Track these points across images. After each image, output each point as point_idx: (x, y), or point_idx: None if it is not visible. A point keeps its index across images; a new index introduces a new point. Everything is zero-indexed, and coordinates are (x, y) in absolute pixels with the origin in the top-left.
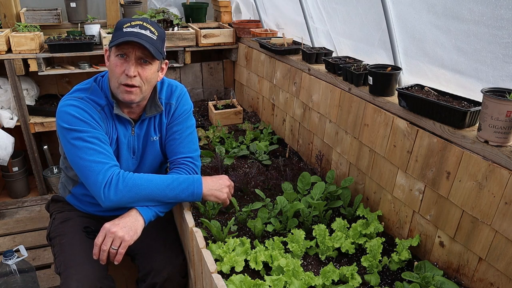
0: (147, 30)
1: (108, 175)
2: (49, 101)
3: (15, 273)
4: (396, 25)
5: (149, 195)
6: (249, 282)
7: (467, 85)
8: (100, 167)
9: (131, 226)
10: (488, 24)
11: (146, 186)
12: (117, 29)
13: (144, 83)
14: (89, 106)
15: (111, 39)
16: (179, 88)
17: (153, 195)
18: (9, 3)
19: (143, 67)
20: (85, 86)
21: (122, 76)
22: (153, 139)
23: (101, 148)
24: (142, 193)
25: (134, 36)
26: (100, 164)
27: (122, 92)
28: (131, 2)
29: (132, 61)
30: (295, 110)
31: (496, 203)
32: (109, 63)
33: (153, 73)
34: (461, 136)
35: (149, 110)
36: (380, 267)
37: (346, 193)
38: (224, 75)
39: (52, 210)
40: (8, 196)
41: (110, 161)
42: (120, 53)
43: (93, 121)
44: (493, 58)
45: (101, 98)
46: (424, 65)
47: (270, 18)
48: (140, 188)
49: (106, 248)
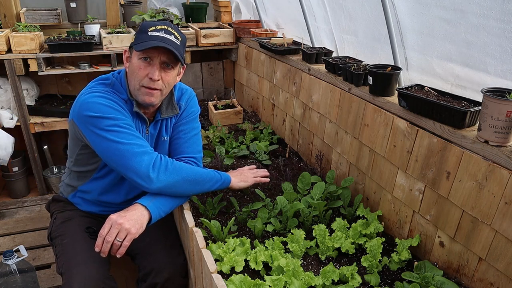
0: (172, 35)
1: (154, 156)
2: (49, 101)
3: (15, 273)
4: (403, 21)
5: (192, 179)
6: (249, 282)
7: (476, 79)
8: (144, 149)
9: (137, 219)
10: (497, 18)
11: (190, 170)
12: (141, 31)
13: (166, 87)
14: (116, 98)
15: (135, 41)
16: (189, 91)
17: (196, 179)
18: (9, 3)
19: (166, 71)
20: (106, 81)
21: (145, 79)
22: (164, 139)
23: (138, 134)
24: (188, 176)
25: (161, 41)
26: (142, 147)
27: (143, 94)
28: (131, 2)
29: (157, 65)
30: (295, 110)
31: (496, 203)
32: (131, 65)
33: (174, 77)
34: (461, 136)
35: (165, 111)
36: (380, 267)
37: (346, 193)
38: (224, 75)
39: (53, 210)
40: (8, 196)
41: (149, 146)
42: (144, 57)
43: (123, 111)
44: (502, 52)
45: (122, 93)
46: (432, 59)
47: (270, 18)
48: (186, 172)
49: (111, 240)
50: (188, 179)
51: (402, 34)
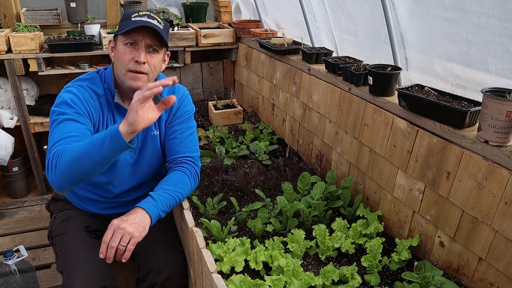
0: (155, 20)
1: (52, 152)
2: (49, 101)
3: (15, 273)
4: (403, 21)
5: (76, 156)
6: (249, 282)
7: (476, 78)
8: (57, 143)
9: (140, 223)
10: (499, 17)
11: (69, 151)
12: (124, 19)
13: (152, 71)
14: (85, 94)
15: (119, 28)
16: (182, 89)
17: (79, 155)
18: (9, 3)
19: (151, 55)
20: (87, 76)
21: (131, 63)
22: (153, 133)
23: (74, 128)
24: (70, 157)
25: (144, 23)
26: (60, 140)
27: (129, 78)
28: (131, 2)
29: (142, 48)
30: (295, 110)
31: (496, 203)
32: (116, 51)
33: (159, 62)
34: (461, 136)
35: None
36: (380, 267)
37: (346, 193)
38: (224, 75)
39: (53, 209)
40: (8, 196)
41: (72, 139)
42: (130, 42)
43: (81, 108)
44: (503, 50)
45: (99, 88)
46: (432, 59)
47: (270, 18)
48: (65, 156)
49: (115, 245)
50: (72, 159)
51: (402, 34)
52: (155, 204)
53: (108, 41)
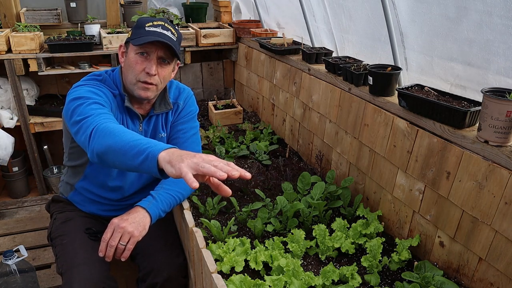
0: (169, 31)
1: (94, 124)
2: (49, 101)
3: (15, 273)
4: (403, 21)
5: (118, 147)
6: (249, 282)
7: (477, 78)
8: (92, 118)
9: (140, 222)
10: (501, 15)
11: (118, 135)
12: (138, 27)
13: (161, 82)
14: (105, 89)
15: (132, 35)
16: (187, 90)
17: (121, 148)
18: (9, 3)
19: (162, 66)
20: (98, 77)
21: (142, 74)
22: (161, 136)
23: (102, 110)
24: (113, 144)
25: (158, 36)
26: (93, 118)
27: (139, 88)
28: (131, 2)
29: (154, 60)
30: (295, 110)
31: (496, 203)
32: (127, 59)
33: (169, 73)
34: (461, 136)
35: (158, 107)
36: (380, 267)
37: (346, 193)
38: (224, 75)
39: (53, 211)
40: (8, 196)
41: (102, 116)
42: (142, 51)
43: (104, 99)
44: (506, 48)
45: (114, 89)
46: (432, 59)
47: (271, 18)
48: (113, 137)
49: (114, 244)
50: (113, 148)
51: (402, 34)
52: (155, 204)
53: (119, 46)
